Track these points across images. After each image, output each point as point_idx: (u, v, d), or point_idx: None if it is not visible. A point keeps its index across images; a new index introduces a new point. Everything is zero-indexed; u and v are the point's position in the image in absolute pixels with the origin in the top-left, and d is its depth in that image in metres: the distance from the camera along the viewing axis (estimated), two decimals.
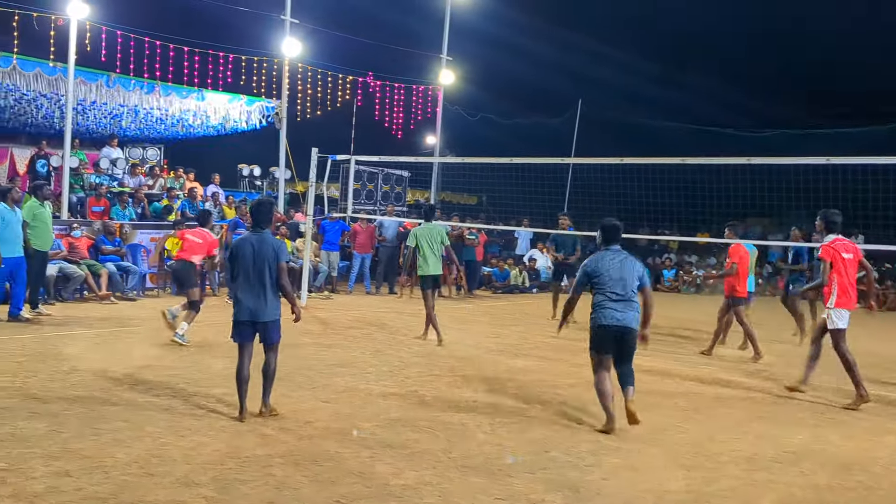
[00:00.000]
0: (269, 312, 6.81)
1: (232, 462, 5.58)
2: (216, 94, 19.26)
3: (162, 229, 16.08)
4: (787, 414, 8.05)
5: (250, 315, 6.79)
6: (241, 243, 6.95)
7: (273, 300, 6.84)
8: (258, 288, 6.79)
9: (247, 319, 6.81)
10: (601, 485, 5.55)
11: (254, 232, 6.99)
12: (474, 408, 7.52)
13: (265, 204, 7.32)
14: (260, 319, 6.79)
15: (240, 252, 6.87)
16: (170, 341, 10.00)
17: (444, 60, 23.67)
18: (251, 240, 6.90)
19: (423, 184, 24.96)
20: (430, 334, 11.43)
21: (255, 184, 22.25)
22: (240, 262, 6.85)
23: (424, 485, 5.35)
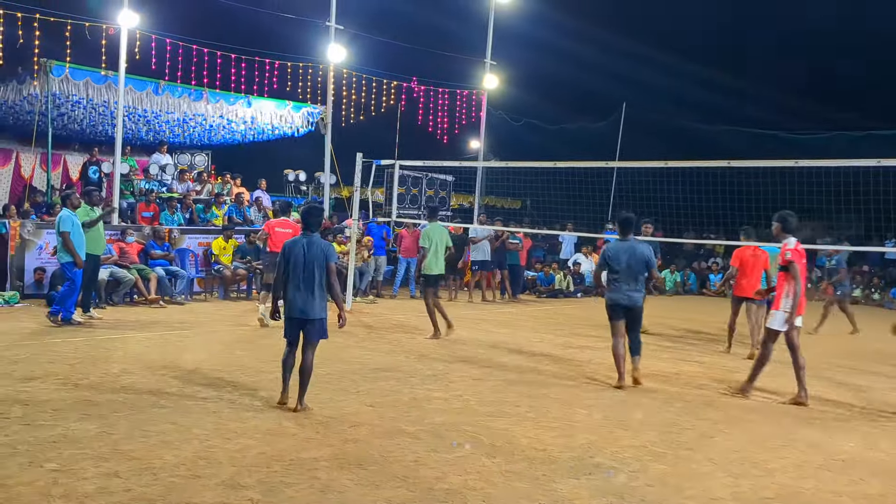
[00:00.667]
0: (316, 310, 7.22)
1: (277, 465, 5.64)
2: (263, 100, 19.51)
3: (210, 234, 16.32)
4: (837, 420, 7.90)
5: (300, 312, 7.21)
6: (292, 245, 7.34)
7: (321, 299, 7.25)
8: (308, 287, 7.20)
9: (297, 317, 7.23)
10: (646, 491, 5.50)
11: (303, 235, 7.39)
12: (517, 413, 7.50)
13: (315, 209, 7.71)
14: (309, 317, 7.20)
15: (291, 253, 7.27)
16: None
17: (487, 65, 23.65)
18: (302, 242, 7.31)
19: (468, 188, 24.98)
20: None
21: (301, 189, 22.47)
22: (291, 263, 7.24)
23: (468, 489, 5.35)
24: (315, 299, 7.21)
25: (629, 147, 28.43)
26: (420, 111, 22.93)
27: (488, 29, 23.45)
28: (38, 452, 5.66)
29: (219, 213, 17.73)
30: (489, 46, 23.46)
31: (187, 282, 15.25)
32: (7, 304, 13.10)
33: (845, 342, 14.01)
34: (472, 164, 22.80)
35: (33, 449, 5.73)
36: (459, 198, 26.55)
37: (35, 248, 14.07)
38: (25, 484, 5.06)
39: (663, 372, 10.07)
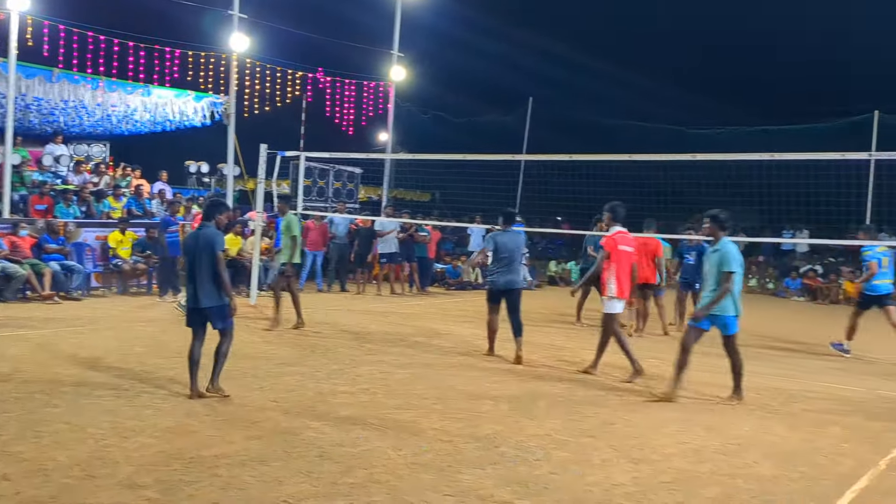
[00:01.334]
0: (213, 299, 7.41)
1: (177, 463, 5.49)
2: (163, 89, 18.94)
3: (108, 227, 15.79)
4: (733, 407, 8.17)
5: (194, 302, 7.46)
6: (187, 238, 7.80)
7: (211, 288, 7.41)
8: (198, 276, 7.39)
9: (192, 306, 7.49)
10: (549, 479, 5.58)
11: (200, 226, 7.73)
12: (424, 405, 7.51)
13: (215, 202, 8.08)
14: (202, 306, 7.41)
15: (187, 246, 7.66)
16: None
17: (395, 57, 23.59)
18: (194, 234, 7.71)
19: (376, 180, 24.86)
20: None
21: (203, 181, 21.97)
22: (188, 255, 7.56)
23: (373, 482, 5.32)
24: (207, 288, 7.37)
25: (536, 140, 28.82)
26: (327, 102, 22.69)
27: (395, 20, 23.38)
28: None
29: (116, 206, 17.14)
30: (396, 38, 23.41)
31: (84, 277, 14.70)
32: None
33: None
34: (380, 157, 22.74)
35: None
36: (368, 190, 26.41)
37: None
38: None
39: (568, 360, 10.25)
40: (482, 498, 5.15)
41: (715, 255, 8.22)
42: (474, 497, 5.16)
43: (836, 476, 5.98)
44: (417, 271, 18.80)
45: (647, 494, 5.39)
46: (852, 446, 6.79)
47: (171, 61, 18.41)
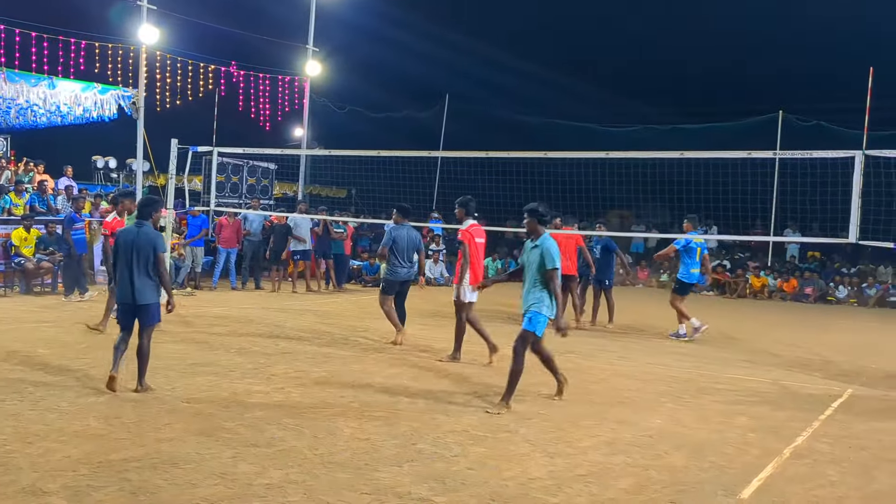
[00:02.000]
0: (147, 296, 7.56)
1: (84, 468, 5.32)
2: (68, 81, 18.26)
3: (10, 224, 15.17)
4: (645, 399, 8.37)
5: (131, 298, 7.53)
6: (121, 235, 7.76)
7: (149, 286, 7.58)
8: (136, 274, 7.51)
9: (128, 302, 7.56)
10: (467, 474, 5.60)
11: (136, 224, 7.77)
12: (341, 403, 7.45)
13: (151, 200, 8.21)
14: (139, 302, 7.52)
15: (123, 242, 7.63)
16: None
17: (310, 51, 23.34)
18: (133, 231, 7.67)
19: (291, 177, 24.55)
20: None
21: (111, 176, 21.33)
22: (122, 251, 7.58)
23: (289, 483, 5.25)
24: (144, 286, 7.53)
25: (453, 137, 28.91)
26: (240, 97, 22.25)
27: (311, 14, 23.12)
28: None
29: (19, 202, 16.47)
30: (311, 32, 23.16)
31: None
32: None
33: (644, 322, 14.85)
34: (295, 152, 22.43)
35: None
36: (283, 186, 26.07)
37: None
38: None
39: (485, 358, 10.30)
40: (399, 496, 5.14)
41: (535, 252, 7.81)
42: (392, 495, 5.14)
43: (744, 465, 6.18)
44: (334, 268, 18.65)
45: (563, 487, 5.46)
46: (758, 436, 7.02)
47: (77, 52, 17.75)
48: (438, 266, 21.93)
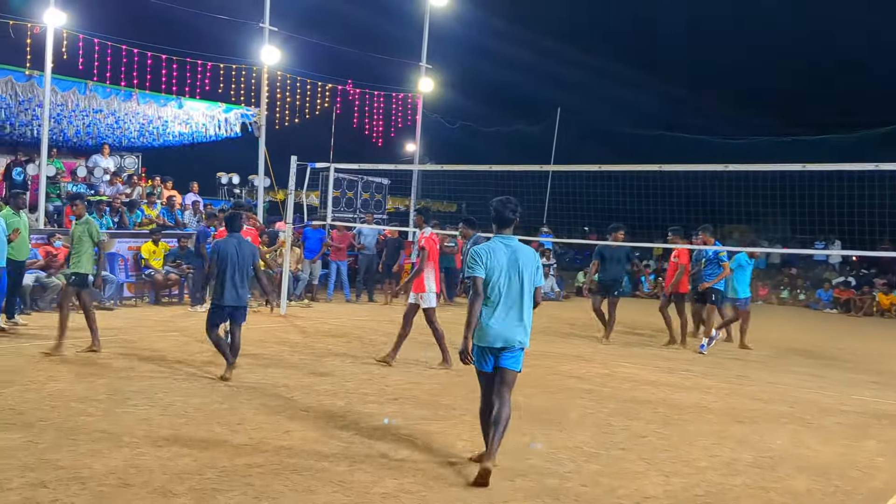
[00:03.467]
0: (244, 299, 8.95)
1: (210, 472, 5.55)
2: (194, 101, 19.14)
3: (140, 238, 15.98)
4: (766, 419, 8.11)
5: (234, 301, 8.74)
6: (223, 245, 8.82)
7: (247, 291, 9.07)
8: (240, 280, 8.76)
9: (231, 304, 8.75)
10: (580, 491, 5.56)
11: (231, 236, 8.97)
12: (453, 416, 7.52)
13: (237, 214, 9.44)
14: (243, 304, 8.91)
15: (225, 253, 8.73)
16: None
17: (423, 68, 23.68)
18: (234, 243, 8.82)
19: (403, 191, 24.94)
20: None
21: (234, 192, 22.13)
22: (224, 260, 8.69)
23: (404, 492, 5.34)
24: (245, 291, 8.95)
25: (564, 151, 28.77)
26: (355, 114, 22.80)
27: (424, 32, 23.48)
28: None
29: (151, 214, 17.37)
30: (424, 49, 23.49)
31: (116, 286, 14.89)
32: None
33: (770, 340, 14.36)
34: (408, 168, 22.79)
35: None
36: (395, 201, 26.50)
37: None
38: None
39: (598, 373, 10.21)
40: None
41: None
42: None
43: (870, 491, 5.92)
44: (444, 282, 18.81)
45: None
46: (888, 461, 6.71)
47: (203, 74, 18.59)
48: (549, 280, 21.81)
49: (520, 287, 5.83)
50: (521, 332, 5.84)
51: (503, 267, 5.81)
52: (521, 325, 5.84)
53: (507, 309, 5.81)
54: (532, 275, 5.88)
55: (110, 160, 19.49)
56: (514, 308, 5.82)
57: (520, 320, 5.83)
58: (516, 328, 5.82)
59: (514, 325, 5.81)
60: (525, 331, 5.87)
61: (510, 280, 5.82)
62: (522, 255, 5.88)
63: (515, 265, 5.83)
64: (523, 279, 5.83)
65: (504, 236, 5.98)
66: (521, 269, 5.83)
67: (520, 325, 5.83)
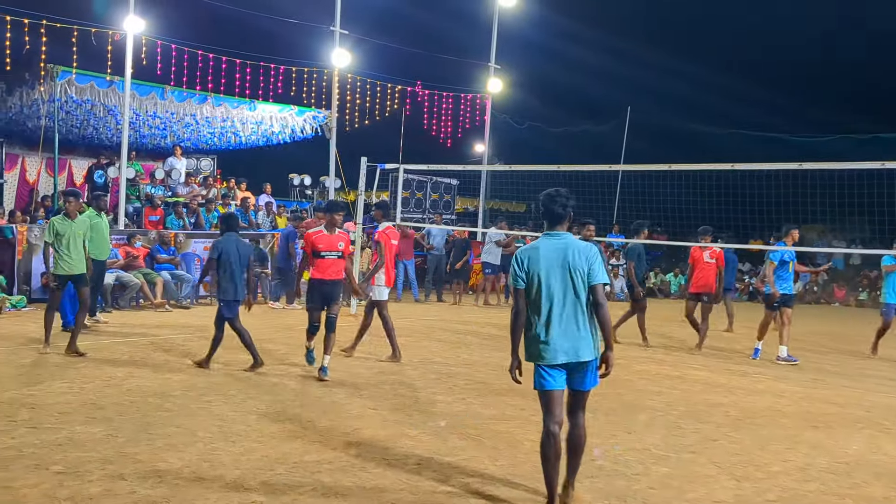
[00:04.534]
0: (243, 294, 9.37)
1: (281, 468, 5.67)
2: (267, 104, 19.54)
3: (215, 238, 16.36)
4: (842, 423, 7.90)
5: (238, 295, 9.28)
6: (225, 245, 9.25)
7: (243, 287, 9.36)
8: (240, 276, 9.24)
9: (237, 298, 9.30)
10: (648, 494, 5.51)
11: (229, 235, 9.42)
12: (521, 416, 7.51)
13: (233, 215, 10.18)
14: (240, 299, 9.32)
15: (228, 252, 9.19)
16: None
17: (491, 69, 23.71)
18: (232, 242, 9.29)
19: (472, 192, 25.03)
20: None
21: (306, 193, 22.54)
22: (229, 259, 9.16)
23: (470, 493, 5.37)
24: (243, 287, 9.31)
25: (633, 150, 28.45)
26: (424, 115, 22.97)
27: (492, 33, 23.50)
28: (44, 455, 5.70)
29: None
30: (493, 50, 23.53)
31: (192, 285, 15.29)
32: (14, 308, 13.16)
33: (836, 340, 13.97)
34: (477, 168, 22.86)
35: (39, 452, 5.78)
36: (464, 201, 26.58)
37: (42, 253, 14.10)
38: (31, 486, 5.10)
39: (668, 375, 10.08)
40: None
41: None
42: None
43: None
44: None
45: None
46: None
47: (276, 77, 18.98)
48: (619, 280, 21.60)
49: (573, 290, 5.04)
50: (583, 343, 5.01)
51: (549, 269, 5.05)
52: (580, 334, 5.02)
53: (561, 318, 5.02)
54: (584, 273, 5.03)
55: (184, 162, 20.01)
56: (570, 316, 5.02)
57: (577, 329, 5.01)
58: (577, 339, 5.01)
59: (573, 335, 5.01)
60: (588, 342, 5.03)
61: (562, 283, 5.03)
62: (574, 253, 5.05)
63: (565, 265, 5.03)
64: (576, 280, 5.03)
65: (553, 233, 5.21)
66: (572, 269, 5.02)
67: (579, 334, 5.01)
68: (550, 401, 5.12)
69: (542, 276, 5.05)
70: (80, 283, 9.92)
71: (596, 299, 5.05)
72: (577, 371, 5.07)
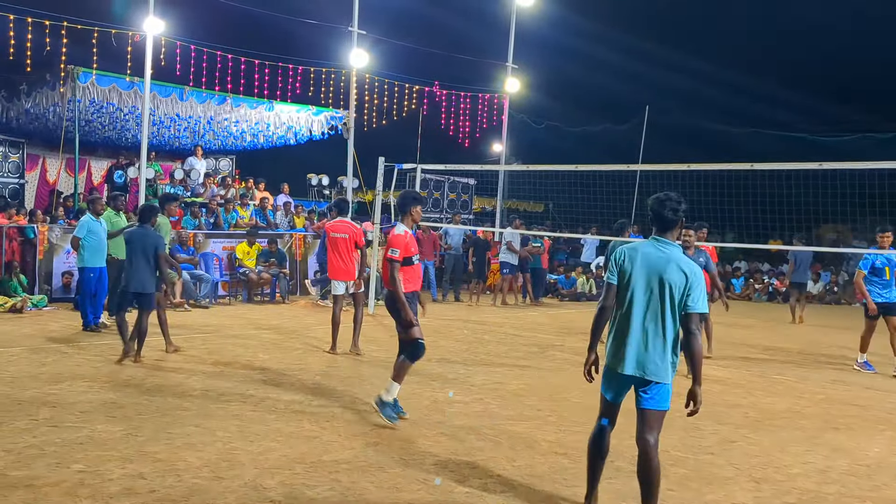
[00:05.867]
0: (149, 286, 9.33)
1: (299, 467, 5.69)
2: (285, 105, 19.63)
3: (234, 238, 16.47)
4: (862, 425, 7.84)
5: (138, 287, 9.25)
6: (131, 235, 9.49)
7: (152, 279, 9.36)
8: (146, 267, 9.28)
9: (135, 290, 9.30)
10: (667, 495, 5.48)
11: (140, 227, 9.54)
12: (539, 416, 7.51)
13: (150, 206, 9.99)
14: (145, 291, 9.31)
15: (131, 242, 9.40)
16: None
17: (509, 68, 23.67)
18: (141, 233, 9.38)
19: (490, 192, 25.00)
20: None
21: (324, 193, 22.60)
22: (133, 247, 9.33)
23: (488, 493, 5.37)
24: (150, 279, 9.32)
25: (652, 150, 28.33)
26: (442, 115, 22.99)
27: (510, 32, 23.47)
28: (64, 454, 5.75)
29: (244, 214, 17.90)
30: (511, 50, 23.48)
31: (211, 285, 15.38)
32: (35, 307, 13.28)
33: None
34: (494, 168, 22.83)
35: (60, 450, 5.83)
36: (482, 201, 26.57)
37: (63, 253, 14.25)
38: (52, 484, 5.14)
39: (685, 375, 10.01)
40: None
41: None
42: None
43: None
44: (531, 282, 18.77)
45: None
46: None
47: (294, 77, 19.07)
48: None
49: (660, 307, 4.76)
50: (652, 364, 4.81)
51: (643, 276, 4.82)
52: (655, 353, 4.79)
53: (641, 330, 4.81)
54: (679, 295, 4.73)
55: (204, 162, 20.12)
56: (651, 332, 4.79)
57: (654, 347, 4.79)
58: (648, 357, 4.80)
59: (645, 351, 4.81)
60: (659, 363, 4.80)
61: (651, 296, 4.79)
62: (676, 269, 4.75)
63: (662, 279, 4.75)
64: (665, 298, 4.75)
65: (660, 240, 4.92)
66: (668, 286, 4.74)
67: (654, 352, 4.79)
68: (608, 408, 5.08)
69: (634, 280, 4.84)
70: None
71: (688, 327, 4.80)
72: (645, 390, 4.90)
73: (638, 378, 4.83)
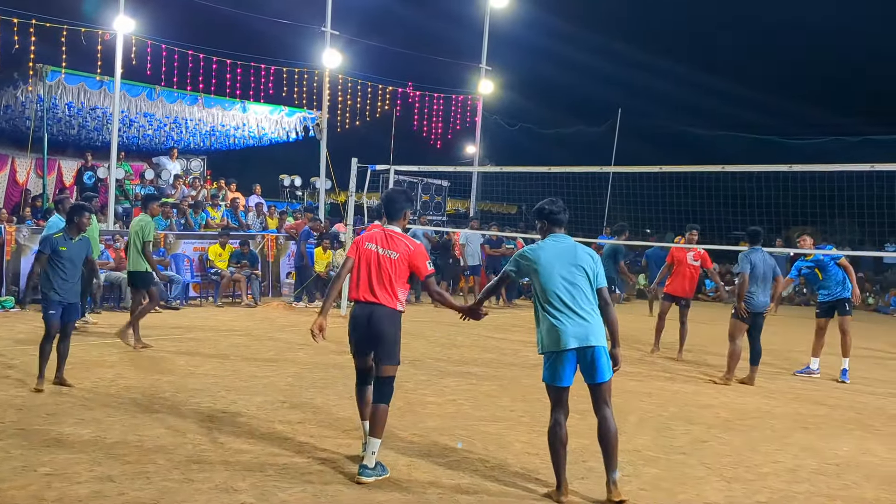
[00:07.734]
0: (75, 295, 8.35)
1: (271, 469, 5.64)
2: (258, 105, 19.50)
3: (205, 239, 16.33)
4: (831, 426, 7.93)
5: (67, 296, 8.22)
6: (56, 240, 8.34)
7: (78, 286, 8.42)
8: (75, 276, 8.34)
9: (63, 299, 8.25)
10: (639, 495, 5.51)
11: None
12: (511, 417, 7.52)
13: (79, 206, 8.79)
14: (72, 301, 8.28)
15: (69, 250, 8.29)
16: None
17: (483, 70, 23.71)
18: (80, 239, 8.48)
19: (463, 193, 25.02)
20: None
21: (297, 194, 22.51)
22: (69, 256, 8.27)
23: (461, 493, 5.36)
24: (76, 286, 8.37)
25: (625, 152, 28.52)
26: (415, 116, 22.96)
27: (484, 34, 23.51)
28: (31, 457, 5.66)
29: (216, 215, 17.75)
30: (484, 51, 23.53)
31: (182, 286, 15.23)
32: (2, 308, 13.09)
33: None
34: (468, 170, 22.84)
35: (27, 453, 5.73)
36: (455, 203, 26.57)
37: (30, 253, 14.02)
38: (19, 488, 5.06)
39: (658, 376, 10.09)
40: None
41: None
42: None
43: None
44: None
45: None
46: None
47: (266, 78, 18.95)
48: None
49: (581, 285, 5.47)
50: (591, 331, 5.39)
51: (557, 264, 5.49)
52: (589, 322, 5.41)
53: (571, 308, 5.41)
54: (593, 274, 5.54)
55: (177, 163, 19.96)
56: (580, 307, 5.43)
57: (585, 319, 5.40)
58: (592, 325, 5.41)
59: (582, 323, 5.39)
60: (598, 331, 5.43)
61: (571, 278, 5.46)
62: (581, 252, 5.58)
63: (574, 262, 5.50)
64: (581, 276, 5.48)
65: (559, 236, 5.69)
66: (581, 267, 5.50)
67: (587, 322, 5.40)
68: (557, 395, 5.55)
69: (548, 269, 5.48)
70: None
71: (606, 298, 5.55)
72: (588, 365, 5.42)
73: (581, 349, 5.35)
